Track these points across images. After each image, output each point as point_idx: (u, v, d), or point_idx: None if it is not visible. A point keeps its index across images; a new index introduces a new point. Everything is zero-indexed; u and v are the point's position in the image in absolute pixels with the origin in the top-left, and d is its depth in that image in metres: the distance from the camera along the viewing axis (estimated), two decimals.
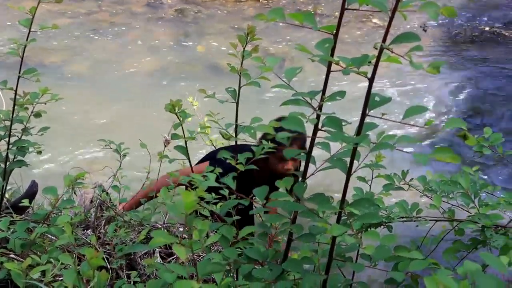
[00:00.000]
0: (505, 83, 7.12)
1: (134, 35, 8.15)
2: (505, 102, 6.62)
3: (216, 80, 6.63)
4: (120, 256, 2.03)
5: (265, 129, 1.21)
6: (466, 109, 6.49)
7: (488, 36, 8.70)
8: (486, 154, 2.28)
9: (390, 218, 2.14)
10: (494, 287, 1.21)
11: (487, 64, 7.66)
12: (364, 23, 8.99)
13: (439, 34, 8.72)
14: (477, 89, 6.96)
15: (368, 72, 1.19)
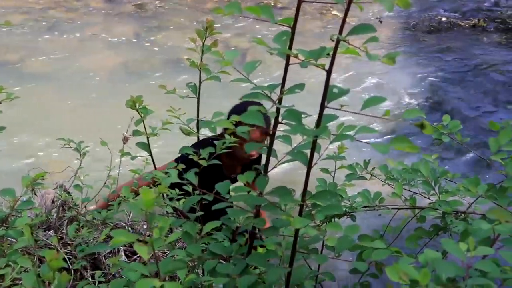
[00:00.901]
0: (462, 72, 7.26)
1: (92, 31, 8.02)
2: (463, 91, 6.75)
3: (178, 75, 6.59)
4: (82, 257, 1.99)
5: (225, 124, 1.20)
6: (425, 98, 6.60)
7: (445, 27, 8.86)
8: (445, 141, 2.32)
9: (353, 208, 2.16)
10: (453, 273, 1.23)
11: (445, 54, 7.81)
12: (325, 15, 9.05)
13: (398, 25, 8.84)
14: (436, 78, 7.09)
15: (327, 64, 1.19)
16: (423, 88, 6.83)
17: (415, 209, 2.22)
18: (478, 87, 6.87)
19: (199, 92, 2.25)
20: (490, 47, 8.09)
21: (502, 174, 2.14)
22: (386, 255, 1.42)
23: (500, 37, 8.46)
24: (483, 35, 8.56)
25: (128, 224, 2.68)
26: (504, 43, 8.25)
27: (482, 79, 7.08)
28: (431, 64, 7.46)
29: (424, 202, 2.29)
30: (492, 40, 8.36)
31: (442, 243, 1.49)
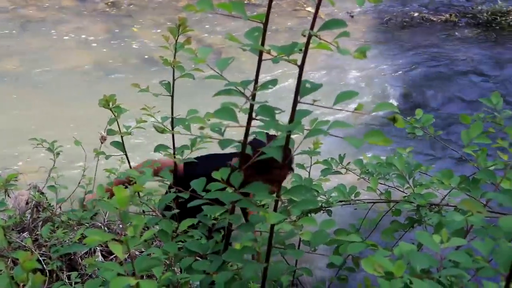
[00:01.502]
0: (435, 67, 7.35)
1: (65, 30, 7.92)
2: (435, 85, 6.83)
3: (153, 73, 6.55)
4: (57, 257, 1.97)
5: (198, 121, 1.20)
6: (398, 93, 6.67)
7: (418, 22, 8.95)
8: (418, 135, 2.35)
9: (329, 202, 2.17)
10: (427, 264, 1.25)
11: (418, 49, 7.89)
12: (298, 11, 9.07)
13: (371, 21, 8.91)
14: (409, 73, 7.17)
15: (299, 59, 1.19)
16: (396, 82, 6.89)
17: (390, 203, 2.24)
18: (450, 82, 6.95)
19: (173, 89, 2.24)
20: (461, 42, 8.19)
21: (474, 166, 2.18)
22: (362, 248, 1.44)
23: (471, 32, 8.57)
24: (455, 30, 8.66)
25: (104, 224, 2.66)
26: (475, 38, 8.36)
27: (453, 73, 7.17)
28: (404, 59, 7.54)
29: (399, 195, 2.32)
30: (463, 35, 8.46)
31: (416, 235, 1.51)
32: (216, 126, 1.20)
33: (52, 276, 2.08)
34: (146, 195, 2.18)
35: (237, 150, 1.34)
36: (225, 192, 1.29)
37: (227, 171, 1.36)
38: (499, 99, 2.40)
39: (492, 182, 1.98)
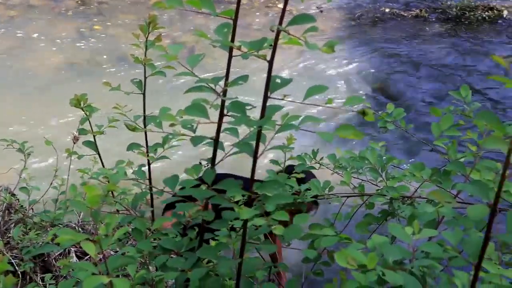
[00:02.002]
0: (406, 62, 7.43)
1: (34, 29, 7.81)
2: (406, 80, 6.91)
3: (124, 72, 6.50)
4: (29, 259, 1.95)
5: (169, 118, 1.19)
6: (369, 87, 6.73)
7: (389, 17, 9.04)
8: (390, 129, 2.37)
9: (304, 197, 2.18)
10: (399, 256, 1.27)
11: (389, 44, 7.97)
12: (271, 8, 9.09)
13: (342, 17, 8.97)
14: (380, 68, 7.23)
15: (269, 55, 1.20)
16: (368, 78, 6.95)
17: (363, 196, 2.26)
18: (421, 76, 7.04)
19: (144, 87, 2.23)
20: (432, 37, 8.30)
21: (445, 158, 2.21)
22: (335, 241, 1.45)
23: (441, 27, 8.69)
24: (425, 25, 8.77)
25: (78, 225, 2.64)
26: (445, 33, 8.48)
27: (424, 68, 7.26)
28: (376, 54, 7.60)
29: (372, 189, 2.34)
30: (433, 30, 8.57)
31: (389, 228, 1.52)
32: (187, 123, 1.20)
33: (25, 278, 2.05)
34: (120, 194, 2.17)
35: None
36: (198, 189, 1.28)
37: (200, 168, 1.36)
38: (468, 92, 2.43)
39: (462, 174, 2.02)
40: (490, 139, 0.87)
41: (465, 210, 1.86)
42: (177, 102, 2.71)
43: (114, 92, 2.21)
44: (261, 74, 6.03)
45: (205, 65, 6.01)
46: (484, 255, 1.76)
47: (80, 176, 2.49)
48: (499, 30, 8.69)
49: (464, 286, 1.38)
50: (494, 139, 0.86)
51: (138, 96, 2.21)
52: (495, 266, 1.44)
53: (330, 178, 2.39)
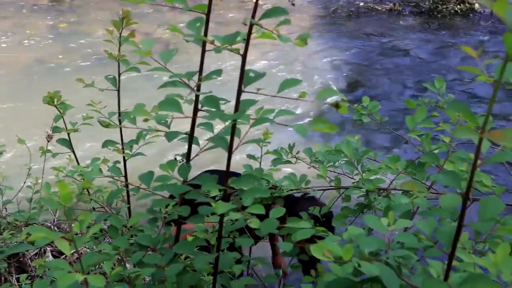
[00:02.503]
0: (381, 55, 7.48)
1: (4, 26, 7.68)
2: (381, 73, 6.97)
3: (98, 68, 6.43)
4: (2, 259, 1.92)
5: (143, 113, 1.19)
6: (345, 81, 6.78)
7: (363, 11, 9.09)
8: (366, 121, 2.39)
9: (280, 191, 2.19)
10: (375, 247, 1.28)
11: (364, 38, 8.02)
12: (246, 3, 9.08)
13: (317, 11, 9.00)
14: (355, 62, 7.28)
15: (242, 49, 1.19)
16: (343, 71, 6.99)
17: (340, 189, 2.27)
18: (396, 69, 7.10)
19: (119, 84, 2.22)
20: (406, 30, 8.37)
21: (420, 150, 2.23)
22: (310, 234, 1.45)
23: (415, 20, 8.77)
24: (399, 18, 8.85)
25: (53, 224, 2.61)
26: (418, 26, 8.56)
27: (399, 61, 7.33)
28: (351, 48, 7.65)
29: (349, 182, 2.35)
30: (407, 24, 8.65)
31: (364, 219, 1.53)
32: (161, 118, 1.19)
33: (0, 279, 2.03)
34: (95, 192, 2.15)
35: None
36: (174, 184, 1.28)
37: (175, 163, 1.35)
38: (442, 83, 2.46)
39: (436, 165, 2.04)
40: (461, 129, 0.88)
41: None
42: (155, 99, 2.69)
43: (89, 89, 2.19)
44: (238, 70, 6.02)
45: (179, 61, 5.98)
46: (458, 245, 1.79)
47: (55, 174, 2.46)
48: (471, 23, 8.80)
49: (438, 275, 1.40)
50: (464, 129, 0.87)
51: (111, 92, 2.19)
52: (469, 255, 1.46)
53: (306, 172, 2.40)
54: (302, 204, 2.25)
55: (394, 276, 1.26)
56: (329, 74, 6.88)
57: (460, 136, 0.88)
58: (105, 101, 2.25)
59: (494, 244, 1.70)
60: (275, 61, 7.07)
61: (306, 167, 2.45)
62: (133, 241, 1.50)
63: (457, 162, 2.00)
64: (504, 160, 0.99)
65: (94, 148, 4.33)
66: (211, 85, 1.37)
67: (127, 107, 1.99)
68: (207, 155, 1.54)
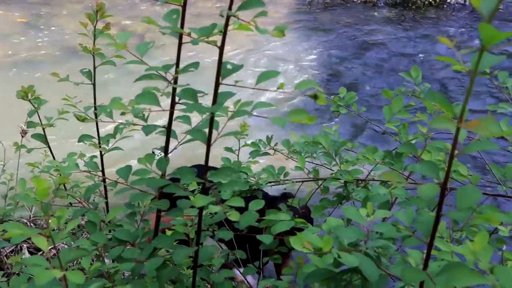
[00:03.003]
0: (357, 46, 7.52)
1: None
2: (357, 64, 7.00)
3: (73, 62, 6.36)
4: None
5: (119, 106, 1.17)
6: (322, 72, 6.80)
7: (339, 3, 9.12)
8: (342, 112, 2.39)
9: (259, 184, 2.18)
10: (354, 237, 1.28)
11: (340, 29, 8.05)
12: None
13: (293, 3, 9.00)
14: (332, 53, 7.30)
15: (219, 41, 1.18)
16: (320, 62, 7.02)
17: (318, 181, 2.28)
18: (372, 60, 7.15)
19: (94, 78, 2.19)
20: (380, 22, 8.42)
21: (397, 140, 2.25)
22: (290, 226, 1.46)
23: (389, 12, 8.83)
24: (374, 10, 8.89)
25: (30, 220, 2.58)
26: (393, 17, 8.61)
27: (374, 52, 7.37)
28: (327, 39, 7.67)
29: (327, 173, 2.36)
30: (382, 15, 8.70)
31: (343, 210, 1.54)
32: (138, 111, 1.18)
33: None
34: (72, 187, 2.12)
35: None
36: (152, 178, 1.27)
37: (153, 157, 1.34)
38: (418, 73, 2.47)
39: (413, 155, 2.05)
40: (438, 119, 0.88)
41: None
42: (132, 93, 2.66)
43: (64, 84, 2.16)
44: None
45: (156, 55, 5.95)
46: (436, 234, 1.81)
47: (30, 170, 2.43)
48: (445, 14, 8.89)
49: (417, 264, 1.41)
50: (441, 119, 0.88)
51: (87, 87, 2.17)
52: (446, 244, 1.48)
53: (285, 163, 2.40)
54: (278, 203, 2.24)
55: (373, 266, 1.27)
56: (305, 66, 6.90)
57: (437, 126, 0.89)
58: (80, 96, 2.22)
59: (471, 232, 1.73)
60: (252, 54, 7.06)
61: (284, 158, 2.45)
62: (112, 236, 1.49)
63: (434, 152, 2.02)
64: (481, 149, 0.99)
65: (70, 143, 4.28)
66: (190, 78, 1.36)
67: (104, 102, 1.97)
68: (186, 149, 1.53)
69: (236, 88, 1.27)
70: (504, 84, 2.32)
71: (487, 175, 2.34)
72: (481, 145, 1.00)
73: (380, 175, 1.35)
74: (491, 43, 0.90)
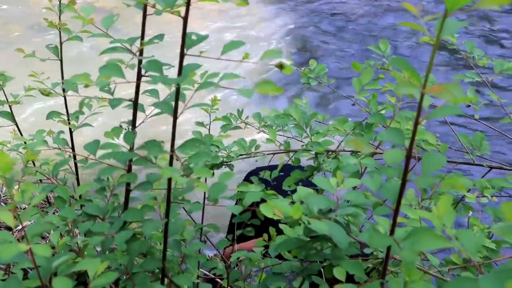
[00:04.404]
0: (329, 21, 7.51)
1: None
2: (328, 38, 7.01)
3: (40, 38, 6.24)
4: None
5: (83, 79, 1.16)
6: (293, 46, 6.80)
7: None
8: (312, 84, 2.40)
9: (230, 157, 2.19)
10: (323, 205, 1.30)
11: (311, 3, 8.02)
12: None
13: None
14: (302, 27, 7.30)
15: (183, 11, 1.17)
16: (291, 37, 7.00)
17: (289, 153, 2.29)
18: (342, 33, 7.16)
19: (61, 53, 2.15)
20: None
21: (367, 111, 2.27)
22: (259, 197, 1.46)
23: None
24: None
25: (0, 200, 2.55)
26: None
27: (345, 26, 7.38)
28: (298, 13, 7.65)
29: (298, 145, 2.37)
30: None
31: (314, 180, 1.56)
32: (103, 84, 1.16)
33: None
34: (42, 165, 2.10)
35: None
36: (119, 152, 1.26)
37: (120, 130, 1.33)
38: (387, 45, 2.49)
39: (383, 125, 2.08)
40: (402, 85, 0.89)
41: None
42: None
43: (30, 61, 2.12)
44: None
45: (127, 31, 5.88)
46: (405, 202, 1.83)
47: None
48: None
49: (386, 231, 1.43)
50: (405, 85, 0.89)
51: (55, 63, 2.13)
52: (414, 211, 1.51)
53: (256, 137, 2.41)
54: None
55: (343, 232, 1.28)
56: (275, 40, 6.89)
57: (402, 91, 0.89)
58: (51, 74, 2.19)
59: (439, 200, 1.76)
60: (219, 27, 7.03)
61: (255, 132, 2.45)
62: (82, 211, 1.48)
63: (403, 121, 2.04)
64: (446, 115, 1.01)
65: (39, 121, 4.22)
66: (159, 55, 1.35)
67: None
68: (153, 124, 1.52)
69: (207, 64, 1.25)
70: (471, 54, 2.35)
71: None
72: (445, 110, 1.01)
73: (346, 142, 1.36)
74: (454, 8, 0.91)
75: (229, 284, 1.90)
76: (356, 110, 2.51)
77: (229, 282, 1.90)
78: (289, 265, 1.59)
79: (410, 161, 1.03)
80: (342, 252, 1.38)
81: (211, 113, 2.49)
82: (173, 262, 1.43)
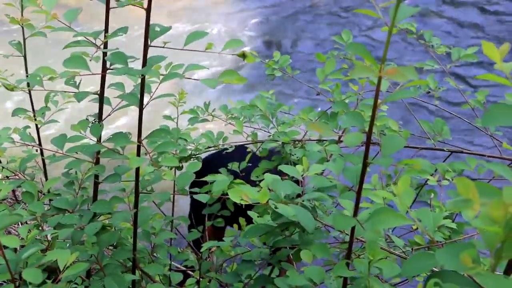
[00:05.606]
0: (297, 10, 7.57)
1: None
2: (293, 28, 7.08)
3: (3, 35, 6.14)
4: None
5: (47, 71, 1.17)
6: (258, 37, 6.85)
7: None
8: (277, 75, 2.43)
9: (198, 149, 2.21)
10: (289, 190, 1.33)
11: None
12: None
13: None
14: (267, 17, 7.36)
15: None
16: (255, 27, 7.06)
17: (256, 143, 2.32)
18: (307, 23, 7.22)
19: (24, 49, 2.14)
20: None
21: (331, 100, 2.31)
22: (226, 185, 1.49)
23: None
24: None
25: None
26: None
27: (310, 15, 7.44)
28: (263, 3, 7.70)
29: (265, 135, 2.40)
30: None
31: (280, 167, 1.59)
32: (67, 75, 1.17)
33: None
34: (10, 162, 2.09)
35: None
36: (87, 145, 1.27)
37: (87, 123, 1.34)
38: (349, 36, 2.54)
39: None
40: (358, 68, 0.92)
41: (356, 151, 1.97)
42: None
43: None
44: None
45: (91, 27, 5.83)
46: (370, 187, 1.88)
47: None
48: None
49: (351, 214, 1.48)
50: (361, 68, 0.92)
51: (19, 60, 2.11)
52: (376, 194, 1.55)
53: (223, 129, 2.43)
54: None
55: (310, 216, 1.32)
56: (240, 31, 6.93)
57: (358, 75, 0.93)
58: (15, 70, 2.17)
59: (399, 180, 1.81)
60: (186, 23, 7.03)
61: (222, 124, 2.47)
62: (50, 206, 1.49)
63: (366, 109, 2.09)
64: (402, 97, 1.05)
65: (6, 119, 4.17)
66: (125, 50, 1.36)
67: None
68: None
69: (176, 57, 1.27)
70: (430, 42, 2.41)
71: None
72: (402, 93, 1.05)
73: (307, 126, 1.40)
74: None
75: (201, 276, 1.92)
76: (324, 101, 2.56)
77: (201, 273, 1.92)
78: (259, 251, 1.62)
79: (370, 142, 1.07)
80: (310, 237, 1.41)
81: (178, 107, 2.50)
82: (143, 253, 1.45)
